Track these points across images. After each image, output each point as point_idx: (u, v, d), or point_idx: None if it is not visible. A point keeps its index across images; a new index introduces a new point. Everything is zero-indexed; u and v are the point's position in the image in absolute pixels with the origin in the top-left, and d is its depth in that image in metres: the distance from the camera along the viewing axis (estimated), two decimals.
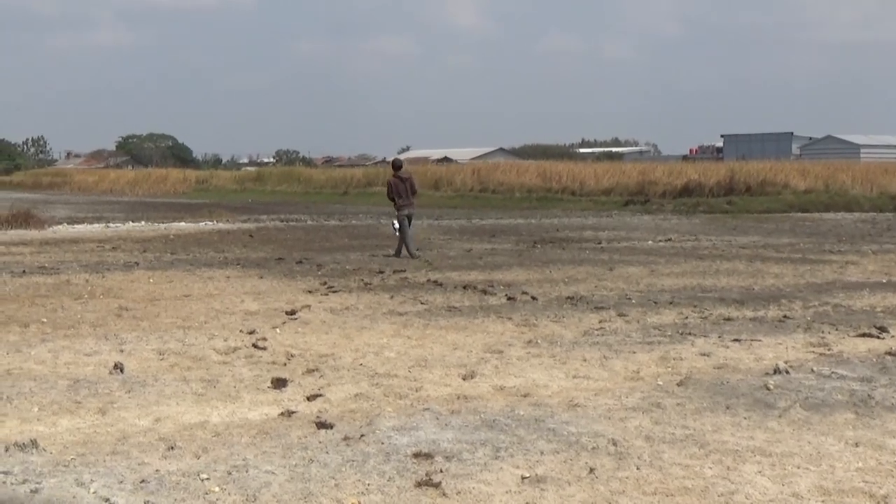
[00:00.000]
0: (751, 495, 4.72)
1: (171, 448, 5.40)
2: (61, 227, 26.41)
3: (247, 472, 4.99)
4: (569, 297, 11.80)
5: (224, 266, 15.63)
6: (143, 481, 4.83)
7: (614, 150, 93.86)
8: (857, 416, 6.21)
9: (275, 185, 60.11)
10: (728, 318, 10.19)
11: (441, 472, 5.01)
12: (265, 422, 6.04)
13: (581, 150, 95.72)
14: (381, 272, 14.78)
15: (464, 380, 7.25)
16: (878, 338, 9.06)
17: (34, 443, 5.36)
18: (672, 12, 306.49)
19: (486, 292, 12.30)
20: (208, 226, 27.63)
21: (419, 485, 4.83)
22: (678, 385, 7.02)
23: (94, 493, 4.68)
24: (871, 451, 5.45)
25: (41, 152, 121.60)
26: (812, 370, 7.49)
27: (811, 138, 71.83)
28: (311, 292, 12.33)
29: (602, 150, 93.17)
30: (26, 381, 7.12)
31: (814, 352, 8.37)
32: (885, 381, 7.18)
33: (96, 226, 27.34)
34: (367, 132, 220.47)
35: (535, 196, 42.37)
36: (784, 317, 10.29)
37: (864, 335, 9.19)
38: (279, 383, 7.05)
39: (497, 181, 46.01)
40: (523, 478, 4.95)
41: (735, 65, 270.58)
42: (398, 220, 17.52)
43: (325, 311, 10.64)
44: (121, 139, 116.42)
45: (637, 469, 5.09)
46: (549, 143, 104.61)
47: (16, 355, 8.09)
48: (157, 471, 5.00)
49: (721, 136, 77.61)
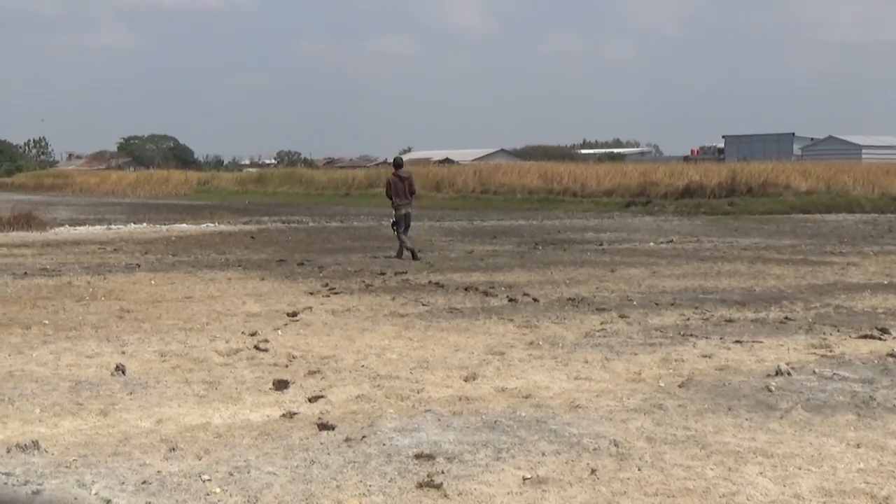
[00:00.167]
0: (752, 496, 4.72)
1: (173, 449, 5.40)
2: (63, 228, 26.42)
3: (248, 473, 5.00)
4: (570, 299, 11.80)
5: (226, 268, 15.64)
6: (144, 482, 4.84)
7: (616, 150, 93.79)
8: (859, 418, 6.21)
9: (276, 186, 60.14)
10: (729, 320, 10.19)
11: (442, 473, 5.02)
12: (267, 423, 6.04)
13: (582, 151, 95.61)
14: (383, 274, 14.79)
15: (465, 381, 7.26)
16: (880, 339, 9.06)
17: (36, 444, 5.37)
18: (673, 12, 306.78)
19: (487, 294, 12.30)
20: (210, 227, 27.64)
21: (421, 486, 4.83)
22: (680, 386, 7.02)
23: (95, 494, 4.68)
24: (873, 453, 5.45)
25: (42, 154, 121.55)
26: (814, 372, 7.49)
27: (813, 139, 71.74)
28: (312, 294, 12.34)
29: (603, 150, 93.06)
30: (28, 382, 7.13)
31: (815, 353, 8.37)
32: (886, 382, 7.18)
33: (98, 227, 27.36)
34: (369, 133, 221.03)
35: (537, 197, 42.36)
36: (785, 318, 10.29)
37: (865, 337, 9.19)
38: (281, 385, 7.05)
39: (498, 182, 46.01)
40: (525, 479, 4.95)
41: (736, 65, 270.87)
42: (395, 218, 17.61)
43: (327, 313, 10.64)
44: (122, 140, 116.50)
45: (638, 470, 5.10)
46: (551, 144, 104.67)
47: (18, 357, 8.10)
48: (158, 472, 5.00)
49: (722, 136, 77.51)
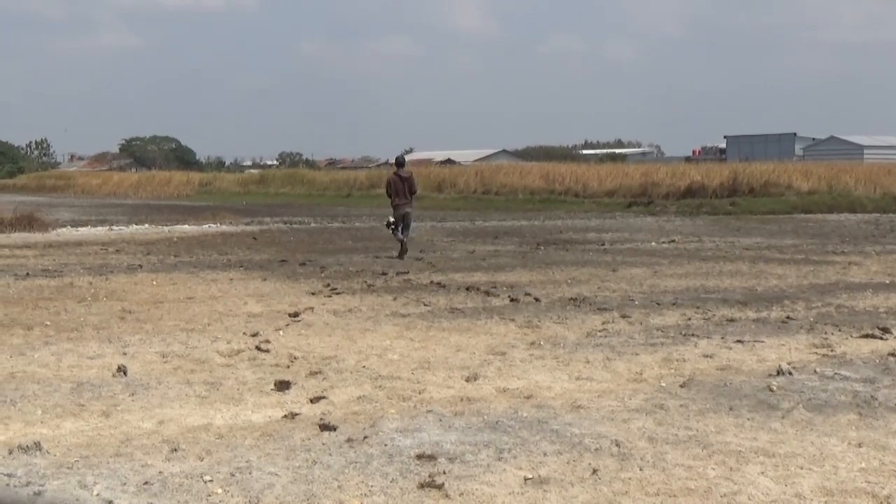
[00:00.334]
0: (754, 496, 4.72)
1: (175, 450, 5.41)
2: (65, 229, 26.44)
3: (250, 473, 5.00)
4: (572, 299, 11.80)
5: (227, 268, 15.65)
6: (146, 483, 4.84)
7: (617, 151, 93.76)
8: (860, 417, 6.21)
9: (278, 187, 60.17)
10: (731, 320, 10.19)
11: (444, 473, 5.02)
12: (268, 424, 6.05)
13: (584, 152, 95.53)
14: (385, 274, 14.79)
15: (467, 382, 7.26)
16: (881, 339, 9.06)
17: (38, 445, 5.37)
18: (675, 13, 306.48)
19: (489, 294, 12.30)
20: (212, 228, 27.65)
21: (422, 486, 4.83)
22: (681, 386, 7.02)
23: (97, 495, 4.69)
24: (874, 452, 5.45)
25: (44, 155, 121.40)
26: (815, 371, 7.49)
27: (814, 139, 71.66)
28: (314, 294, 12.34)
29: (605, 151, 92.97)
30: (30, 383, 7.14)
31: (817, 353, 8.36)
32: (888, 381, 7.17)
33: (100, 228, 27.36)
34: (371, 134, 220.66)
35: (539, 198, 42.37)
36: (787, 318, 10.29)
37: (867, 336, 9.19)
38: (282, 385, 7.05)
39: (500, 183, 46.03)
40: (526, 479, 4.95)
41: (738, 65, 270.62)
42: (393, 218, 17.66)
43: (329, 314, 10.65)
44: (124, 142, 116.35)
45: (640, 470, 5.10)
46: (553, 145, 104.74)
47: (19, 358, 8.10)
48: (160, 473, 5.01)
49: (724, 137, 77.48)
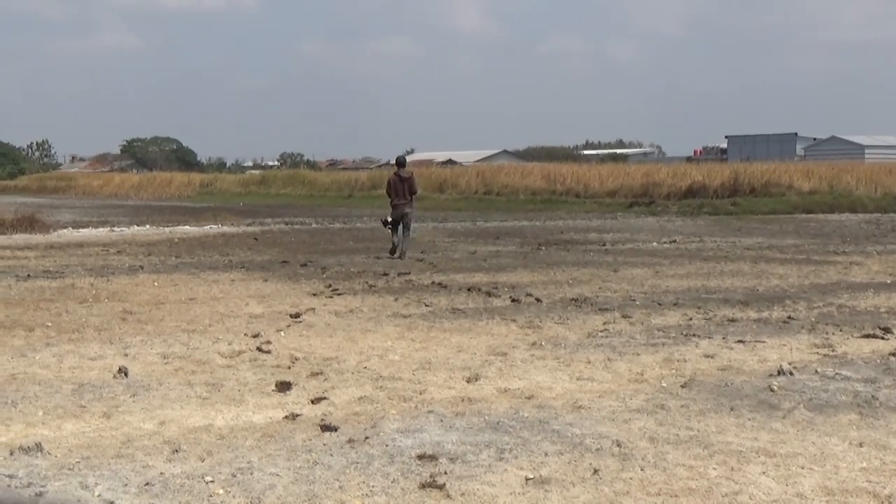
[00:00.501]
0: (755, 496, 4.72)
1: (176, 451, 5.41)
2: (66, 231, 26.45)
3: (251, 474, 5.01)
4: (573, 299, 11.80)
5: (228, 269, 15.66)
6: (147, 484, 4.85)
7: (618, 151, 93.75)
8: (861, 417, 6.21)
9: (279, 188, 60.21)
10: (732, 320, 10.19)
11: (445, 473, 5.02)
12: (269, 425, 6.05)
13: (585, 152, 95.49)
14: (386, 275, 14.80)
15: (468, 382, 7.26)
16: (883, 338, 9.06)
17: (39, 446, 5.37)
18: (676, 13, 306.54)
19: (490, 294, 12.30)
20: (213, 229, 27.66)
21: (423, 486, 4.83)
22: (682, 387, 7.02)
23: (98, 495, 4.69)
24: (876, 452, 5.45)
25: (46, 156, 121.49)
26: (816, 371, 7.49)
27: (815, 139, 71.61)
28: (315, 295, 12.34)
29: (606, 151, 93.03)
30: (31, 385, 7.14)
31: (818, 353, 8.36)
32: (889, 381, 7.17)
33: (101, 230, 27.37)
34: (372, 135, 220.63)
35: (540, 198, 42.37)
36: (788, 318, 10.29)
37: (868, 336, 9.19)
38: (283, 386, 7.06)
39: (501, 183, 46.03)
40: (527, 479, 4.95)
41: (739, 65, 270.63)
42: (391, 217, 17.71)
43: (330, 314, 10.65)
44: (125, 143, 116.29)
45: (641, 470, 5.10)
46: (554, 145, 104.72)
47: (21, 360, 8.11)
48: (161, 474, 5.01)
49: (725, 137, 77.36)
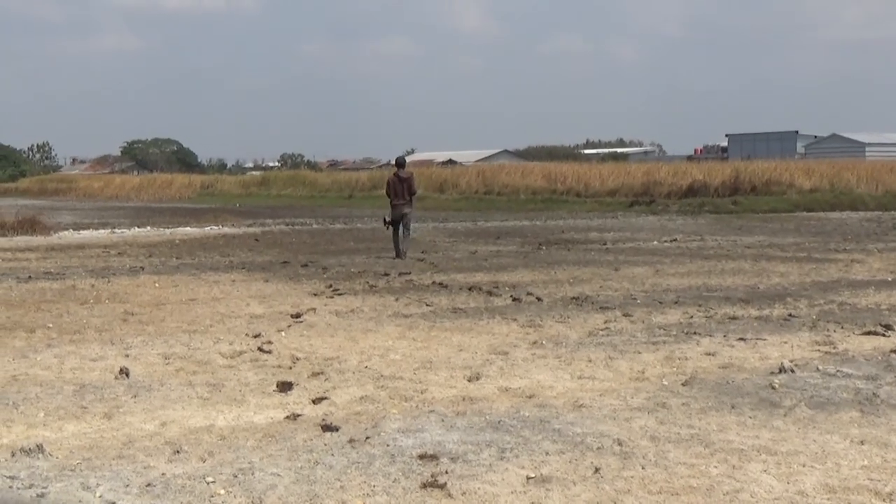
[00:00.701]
0: (756, 494, 4.72)
1: (177, 452, 5.41)
2: (67, 232, 26.47)
3: (252, 474, 5.01)
4: (574, 298, 11.80)
5: (229, 270, 15.66)
6: (148, 485, 4.85)
7: (619, 150, 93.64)
8: (863, 415, 6.20)
9: (280, 189, 60.20)
10: (733, 318, 10.19)
11: (446, 473, 5.02)
12: (271, 425, 6.05)
13: (586, 151, 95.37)
14: (387, 275, 14.80)
15: (469, 381, 7.26)
16: (884, 336, 9.05)
17: (40, 448, 5.38)
18: (675, 12, 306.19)
19: (491, 294, 12.31)
20: (213, 230, 27.67)
21: (425, 486, 4.83)
22: (683, 385, 7.02)
23: (100, 496, 4.70)
24: (877, 449, 5.45)
25: (46, 158, 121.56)
26: (817, 369, 7.48)
27: (816, 137, 71.50)
28: (316, 295, 12.35)
29: (607, 150, 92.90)
30: (32, 386, 7.14)
31: (819, 350, 8.36)
32: (890, 378, 7.17)
33: (102, 231, 27.39)
34: (372, 135, 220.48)
35: (541, 198, 42.36)
36: (789, 315, 10.28)
37: (869, 333, 9.18)
38: (284, 386, 7.06)
39: (502, 183, 46.02)
40: (528, 478, 4.95)
41: (739, 64, 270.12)
42: (391, 217, 17.77)
43: (331, 314, 10.65)
44: (126, 144, 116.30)
45: (642, 468, 5.09)
46: (554, 144, 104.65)
47: (22, 361, 8.11)
48: (162, 474, 5.01)
49: (726, 135, 77.25)
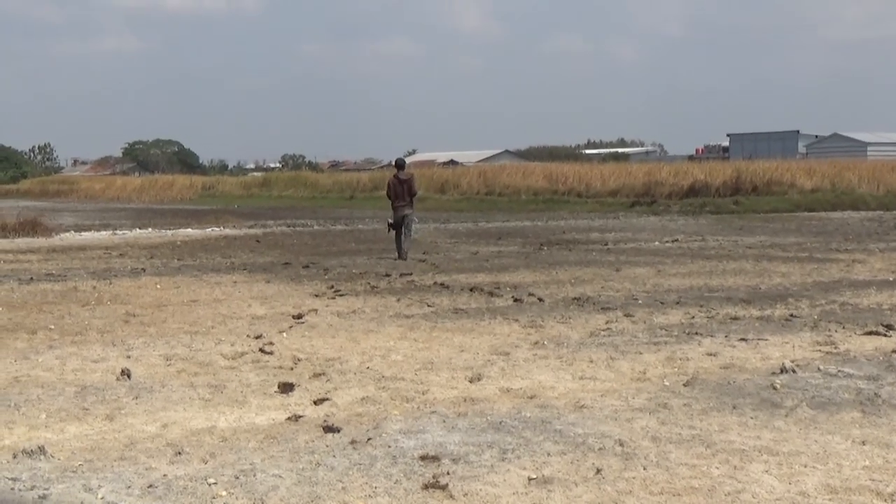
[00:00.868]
0: (758, 494, 4.72)
1: (179, 453, 5.41)
2: (68, 234, 26.47)
3: (254, 476, 5.01)
4: (575, 299, 11.80)
5: (231, 271, 15.67)
6: (150, 486, 4.85)
7: (620, 150, 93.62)
8: (864, 415, 6.20)
9: (281, 190, 60.19)
10: (735, 318, 10.18)
11: (448, 474, 5.02)
12: (272, 426, 6.05)
13: (587, 151, 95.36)
14: (388, 275, 14.80)
15: (470, 382, 7.26)
16: (885, 336, 9.05)
17: (42, 449, 5.38)
18: (677, 12, 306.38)
19: (492, 294, 12.31)
20: (215, 231, 27.67)
21: (426, 487, 4.83)
22: (685, 385, 7.02)
23: (101, 498, 4.70)
24: (878, 450, 5.44)
25: (48, 160, 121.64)
26: (819, 369, 7.48)
27: (817, 136, 71.47)
28: (317, 296, 12.35)
29: (608, 150, 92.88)
30: (34, 388, 7.15)
31: (820, 350, 8.35)
32: (891, 379, 7.16)
33: (103, 233, 27.39)
34: (373, 136, 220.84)
35: (542, 198, 42.35)
36: (791, 316, 10.28)
37: (870, 333, 9.18)
38: (286, 388, 7.06)
39: (503, 184, 46.02)
40: (530, 479, 4.95)
41: (740, 63, 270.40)
42: (393, 220, 17.75)
43: (332, 315, 10.66)
44: (127, 146, 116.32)
45: (644, 469, 5.09)
46: (555, 145, 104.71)
47: (23, 362, 8.12)
48: (164, 476, 5.01)
49: (727, 135, 77.26)
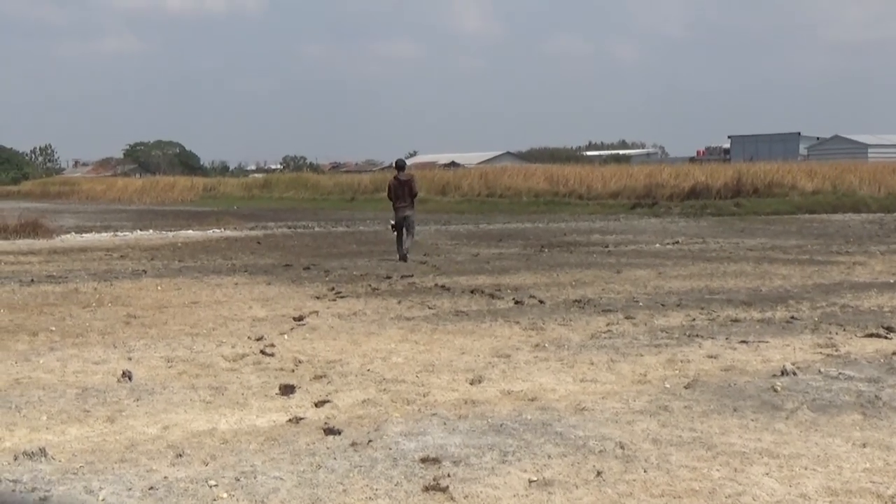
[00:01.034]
0: (758, 496, 4.72)
1: (180, 455, 5.42)
2: (69, 236, 26.48)
3: (255, 478, 5.01)
4: (576, 301, 11.80)
5: (232, 273, 15.68)
6: (151, 488, 4.86)
7: (621, 152, 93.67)
8: (865, 417, 6.20)
9: (282, 191, 60.17)
10: (735, 320, 10.18)
11: (449, 476, 5.02)
12: (273, 428, 6.06)
13: (588, 153, 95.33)
14: (389, 277, 14.80)
15: (471, 384, 7.26)
16: (886, 338, 9.05)
17: (43, 451, 5.38)
18: (678, 13, 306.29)
19: (493, 296, 12.31)
20: (216, 233, 27.67)
21: (427, 489, 4.84)
22: (685, 387, 7.02)
23: (102, 500, 4.70)
24: (879, 452, 5.44)
25: (49, 161, 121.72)
26: (819, 371, 7.48)
27: (819, 138, 71.39)
28: (318, 298, 12.35)
29: (609, 152, 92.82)
30: (35, 389, 7.15)
31: (821, 353, 8.35)
32: (892, 381, 7.16)
33: (104, 234, 27.40)
34: (374, 137, 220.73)
35: (543, 200, 42.31)
36: (791, 318, 10.28)
37: (871, 335, 9.18)
38: (287, 390, 7.06)
39: (504, 185, 45.98)
40: (531, 481, 4.95)
41: (741, 65, 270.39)
42: (395, 221, 17.79)
43: (333, 317, 10.66)
44: (128, 147, 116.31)
45: (644, 472, 5.10)
46: (556, 146, 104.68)
47: (24, 364, 8.12)
48: (165, 478, 5.02)
49: (728, 137, 77.17)
